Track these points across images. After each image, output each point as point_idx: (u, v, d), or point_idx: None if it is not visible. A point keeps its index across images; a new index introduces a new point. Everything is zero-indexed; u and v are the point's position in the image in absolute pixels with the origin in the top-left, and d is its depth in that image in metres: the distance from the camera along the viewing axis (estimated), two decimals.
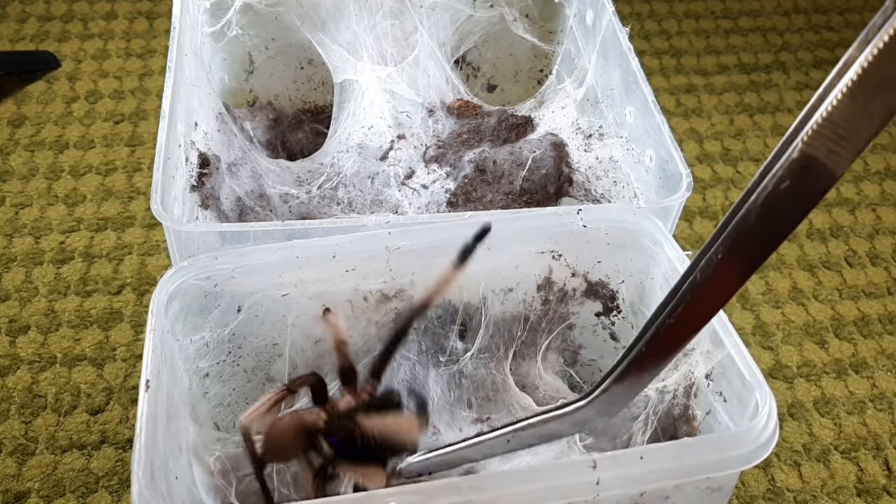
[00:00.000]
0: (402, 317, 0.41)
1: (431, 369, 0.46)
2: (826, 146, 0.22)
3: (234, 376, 0.44)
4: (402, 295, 0.44)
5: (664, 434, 0.43)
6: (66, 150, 0.78)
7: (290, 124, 0.65)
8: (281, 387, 0.39)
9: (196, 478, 0.38)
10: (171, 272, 0.39)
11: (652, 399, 0.43)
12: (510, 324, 0.47)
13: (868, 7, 1.05)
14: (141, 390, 0.35)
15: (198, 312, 0.41)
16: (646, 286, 0.45)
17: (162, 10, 0.94)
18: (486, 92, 0.69)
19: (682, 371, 0.42)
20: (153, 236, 0.71)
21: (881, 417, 0.64)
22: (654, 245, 0.44)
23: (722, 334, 0.39)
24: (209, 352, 0.42)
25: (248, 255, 0.40)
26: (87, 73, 0.86)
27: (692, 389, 0.42)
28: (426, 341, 0.46)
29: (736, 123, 0.89)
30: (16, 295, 0.67)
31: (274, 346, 0.44)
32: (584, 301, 0.47)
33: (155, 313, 0.38)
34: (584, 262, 0.46)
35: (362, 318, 0.44)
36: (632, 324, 0.47)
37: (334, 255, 0.41)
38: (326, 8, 0.58)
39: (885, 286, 0.74)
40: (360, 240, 0.41)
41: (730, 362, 0.39)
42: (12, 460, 0.57)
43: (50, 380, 0.61)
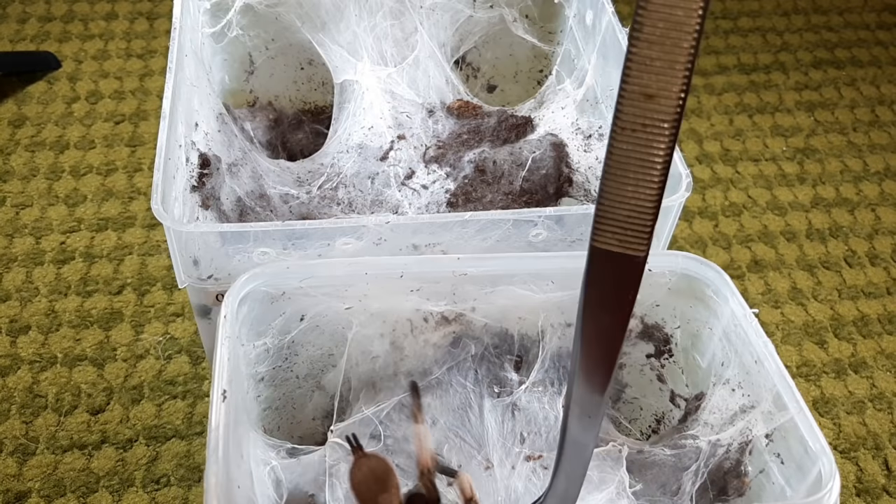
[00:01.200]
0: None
1: (487, 399, 0.46)
2: (615, 238, 0.23)
3: (285, 381, 0.45)
4: (462, 319, 0.44)
5: (713, 486, 0.42)
6: (67, 151, 0.78)
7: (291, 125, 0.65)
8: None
9: (256, 488, 0.38)
10: (243, 278, 0.40)
11: (704, 451, 0.43)
12: (565, 359, 0.47)
13: (868, 7, 1.05)
14: (215, 400, 0.35)
15: (262, 319, 0.41)
16: (702, 335, 0.45)
17: (162, 10, 0.95)
18: (485, 92, 0.69)
19: (738, 427, 0.42)
20: (154, 236, 0.71)
21: (880, 417, 0.64)
22: (718, 297, 0.43)
23: (786, 398, 0.39)
24: (268, 357, 0.43)
25: (319, 266, 0.41)
26: (88, 73, 0.86)
27: (748, 447, 0.41)
28: (482, 370, 0.46)
29: (735, 124, 0.89)
30: (16, 295, 0.67)
31: (329, 357, 0.45)
32: (637, 342, 0.48)
33: (228, 319, 0.38)
34: (642, 303, 0.46)
35: (420, 339, 0.45)
36: (682, 369, 0.47)
37: (402, 274, 0.42)
38: (326, 8, 0.58)
39: (885, 286, 0.74)
40: (428, 262, 0.42)
41: (792, 426, 0.38)
42: (13, 460, 0.57)
43: (50, 380, 0.62)
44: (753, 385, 0.41)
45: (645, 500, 0.43)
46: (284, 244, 0.43)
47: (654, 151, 0.21)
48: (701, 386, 0.46)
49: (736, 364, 0.43)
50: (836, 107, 0.92)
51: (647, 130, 0.21)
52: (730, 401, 0.43)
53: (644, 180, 0.21)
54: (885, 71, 0.96)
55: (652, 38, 0.20)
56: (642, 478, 0.44)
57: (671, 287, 0.45)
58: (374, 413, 0.44)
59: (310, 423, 0.47)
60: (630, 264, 0.23)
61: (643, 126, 0.21)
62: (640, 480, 0.44)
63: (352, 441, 0.38)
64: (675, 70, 0.20)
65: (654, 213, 0.22)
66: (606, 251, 0.23)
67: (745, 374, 0.42)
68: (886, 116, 0.91)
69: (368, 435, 0.44)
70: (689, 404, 0.47)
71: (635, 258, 0.23)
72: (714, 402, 0.44)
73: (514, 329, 0.46)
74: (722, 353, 0.44)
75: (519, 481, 0.44)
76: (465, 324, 0.44)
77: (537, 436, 0.46)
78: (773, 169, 0.84)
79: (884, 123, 0.90)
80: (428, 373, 0.45)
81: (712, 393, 0.44)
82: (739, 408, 0.42)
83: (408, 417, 0.45)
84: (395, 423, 0.45)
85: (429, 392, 0.45)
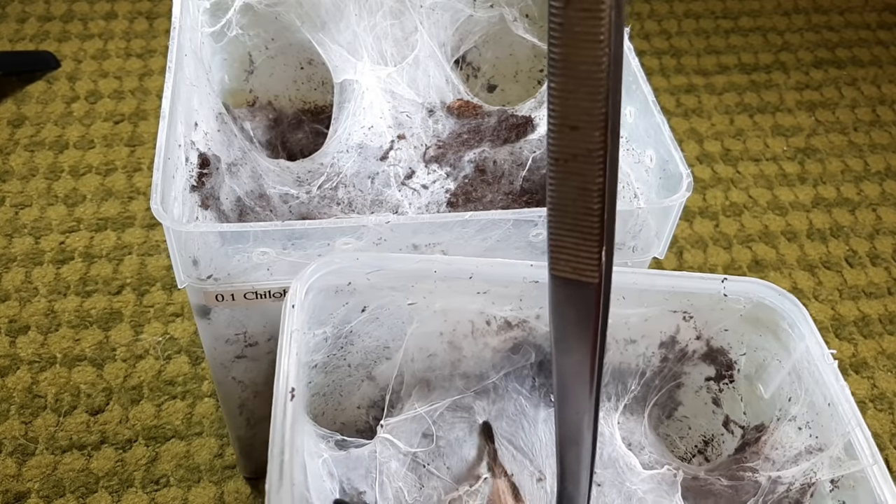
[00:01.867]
0: None
1: (542, 408, 0.46)
2: (569, 265, 0.23)
3: (337, 369, 0.45)
4: (525, 326, 0.44)
5: None
6: (66, 150, 0.78)
7: (290, 124, 0.65)
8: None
9: (310, 482, 0.38)
10: (312, 266, 0.40)
11: (763, 487, 0.42)
12: (625, 375, 0.46)
13: (868, 7, 1.05)
14: (281, 399, 0.34)
15: (325, 308, 0.41)
16: (769, 366, 0.44)
17: (162, 10, 0.94)
18: (486, 92, 0.68)
19: (801, 467, 0.41)
20: (153, 236, 0.71)
21: (881, 417, 0.64)
22: (793, 331, 0.42)
23: (859, 448, 0.38)
24: (325, 346, 0.43)
25: (389, 260, 0.41)
26: (87, 73, 0.86)
27: (810, 489, 0.40)
28: (540, 378, 0.46)
29: (736, 123, 0.89)
30: (16, 295, 0.66)
31: (384, 349, 0.44)
32: (698, 363, 0.47)
33: (296, 309, 0.38)
34: (711, 326, 0.45)
35: (480, 341, 0.44)
36: (741, 396, 0.46)
37: (471, 275, 0.41)
38: (326, 8, 0.58)
39: (886, 286, 0.74)
40: (500, 266, 0.42)
41: (862, 476, 0.37)
42: (12, 460, 0.57)
43: (50, 380, 0.61)
44: (823, 428, 0.40)
45: None
46: (284, 244, 0.43)
47: (589, 180, 0.21)
48: (762, 417, 0.45)
49: (804, 403, 0.41)
50: (836, 106, 0.92)
51: (578, 160, 0.21)
52: (795, 439, 0.42)
53: (585, 208, 0.21)
54: (886, 70, 0.96)
55: (567, 72, 0.20)
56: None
57: (744, 314, 0.44)
58: (426, 412, 0.44)
59: (354, 410, 0.47)
60: (585, 290, 0.23)
61: (574, 156, 0.21)
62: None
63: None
64: (596, 102, 0.20)
65: (599, 239, 0.22)
66: (563, 278, 0.23)
67: (814, 415, 0.41)
68: (887, 116, 0.91)
69: (420, 434, 0.44)
70: (747, 434, 0.46)
71: (590, 284, 0.23)
72: (777, 438, 0.43)
73: None
74: (789, 388, 0.43)
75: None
76: (528, 330, 0.44)
77: None
78: (774, 169, 0.84)
79: (885, 123, 0.90)
80: (485, 377, 0.45)
81: (775, 427, 0.43)
82: (805, 448, 0.41)
83: (461, 419, 0.45)
84: (448, 423, 0.45)
85: (484, 396, 0.45)
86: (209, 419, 0.60)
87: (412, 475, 0.43)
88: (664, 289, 0.43)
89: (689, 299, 0.43)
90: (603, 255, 0.22)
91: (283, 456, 0.33)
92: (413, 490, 0.42)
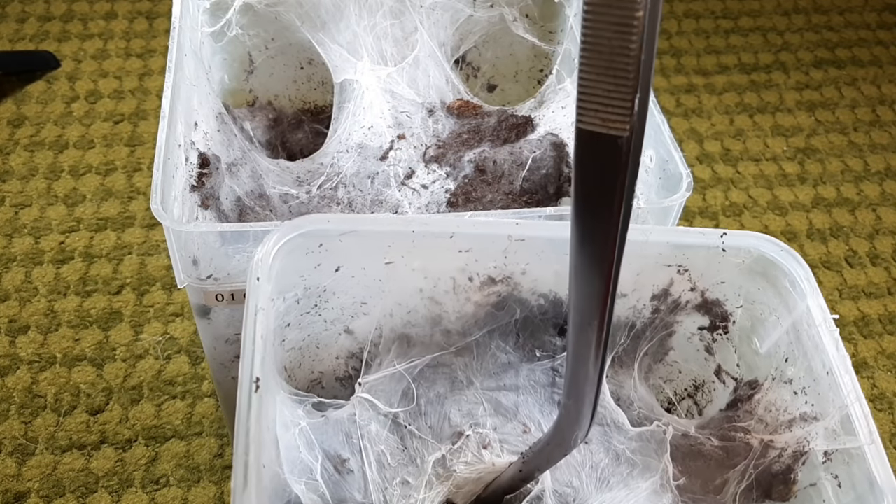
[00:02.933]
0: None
1: (524, 364, 0.44)
2: (598, 117, 0.21)
3: (312, 324, 0.43)
4: (509, 281, 0.42)
5: (758, 487, 0.41)
6: (66, 150, 0.78)
7: (290, 124, 0.65)
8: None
9: (282, 455, 0.36)
10: (278, 231, 0.38)
11: (755, 450, 0.40)
12: (614, 329, 0.44)
13: (868, 7, 1.05)
14: (245, 391, 0.32)
15: (295, 271, 0.39)
16: (767, 321, 0.43)
17: (161, 9, 0.94)
18: (486, 92, 0.68)
19: (795, 434, 0.39)
20: (153, 236, 0.71)
21: (881, 418, 0.64)
22: (794, 289, 0.41)
23: (857, 424, 0.37)
24: (297, 308, 0.41)
25: (361, 221, 0.39)
26: (87, 72, 0.86)
27: (802, 457, 0.39)
28: (524, 334, 0.44)
29: (736, 123, 0.89)
30: (15, 295, 0.66)
31: (362, 305, 0.43)
32: (692, 313, 0.45)
33: (262, 282, 0.36)
34: (707, 278, 0.43)
35: (462, 297, 0.42)
36: (735, 348, 0.45)
37: (452, 235, 0.40)
38: (326, 8, 0.58)
39: (886, 286, 0.74)
40: (483, 225, 0.40)
41: (858, 454, 0.36)
42: (12, 460, 0.57)
43: (49, 380, 0.61)
44: (820, 396, 0.39)
45: (688, 496, 0.41)
46: None
47: (627, 14, 0.20)
48: (756, 373, 0.43)
49: (802, 366, 0.40)
50: (836, 106, 0.92)
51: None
52: (790, 403, 0.41)
53: (621, 47, 0.20)
54: (886, 70, 0.96)
55: None
56: (686, 468, 0.42)
57: (742, 268, 0.42)
58: (406, 369, 0.42)
59: (332, 360, 0.46)
60: (614, 145, 0.22)
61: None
62: (683, 472, 0.42)
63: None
64: None
65: (633, 85, 0.20)
66: (591, 132, 0.22)
67: (812, 381, 0.40)
68: (887, 116, 0.91)
69: (401, 392, 0.42)
70: (740, 389, 0.44)
71: (619, 138, 0.21)
72: (771, 399, 0.42)
73: (564, 294, 0.43)
74: (787, 349, 0.41)
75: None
76: (513, 286, 0.42)
77: None
78: (774, 169, 0.84)
79: (884, 123, 0.90)
80: (467, 333, 0.43)
81: (769, 387, 0.42)
82: (800, 415, 0.40)
83: (442, 376, 0.43)
84: (429, 381, 0.43)
85: (466, 353, 0.44)
86: (209, 419, 0.60)
87: (393, 437, 0.41)
88: (659, 245, 0.41)
89: (685, 254, 0.42)
90: (636, 103, 0.21)
91: (248, 456, 0.31)
92: (396, 452, 0.41)
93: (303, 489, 0.36)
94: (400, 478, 0.40)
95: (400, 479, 0.40)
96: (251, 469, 0.30)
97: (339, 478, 0.39)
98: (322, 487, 0.37)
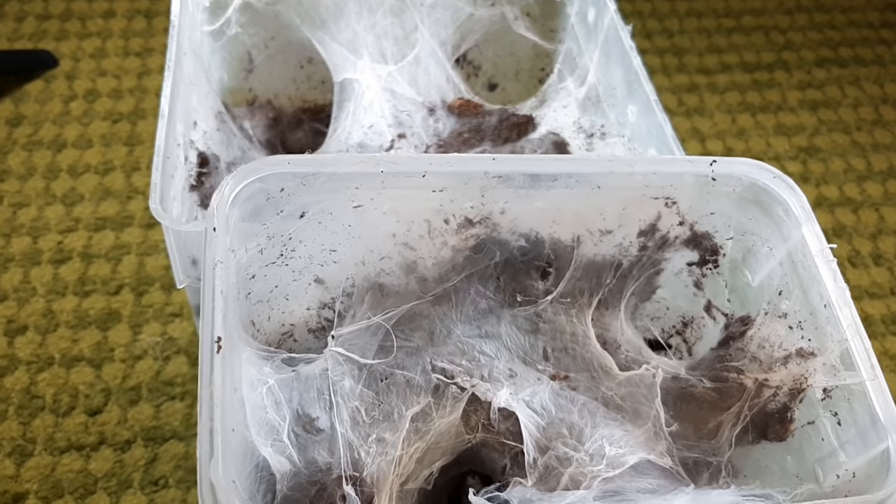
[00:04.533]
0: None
1: (506, 310, 0.42)
2: None
3: (279, 275, 0.40)
4: (488, 222, 0.40)
5: (753, 429, 0.39)
6: (64, 150, 0.78)
7: (290, 123, 0.65)
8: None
9: (248, 416, 0.34)
10: (234, 176, 0.35)
11: (749, 390, 0.38)
12: (600, 268, 0.42)
13: (871, 6, 1.04)
14: (206, 353, 0.30)
15: (256, 218, 0.37)
16: (759, 252, 0.41)
17: (160, 8, 0.94)
18: (487, 91, 0.68)
19: (792, 371, 0.37)
20: (152, 236, 0.71)
21: None
22: (788, 217, 0.39)
23: (858, 358, 0.35)
24: (260, 258, 0.38)
25: (325, 163, 0.36)
26: (86, 71, 0.86)
27: (799, 395, 0.38)
28: (505, 278, 0.42)
29: (738, 123, 0.88)
30: (14, 295, 0.66)
31: (331, 253, 0.40)
32: (680, 248, 0.43)
33: (219, 232, 0.33)
34: (696, 210, 0.41)
35: (437, 240, 0.40)
36: (726, 282, 0.43)
37: (425, 173, 0.37)
38: (326, 6, 0.58)
39: (889, 287, 0.73)
40: (457, 161, 0.38)
41: (859, 390, 0.35)
42: (10, 461, 0.57)
43: (48, 380, 0.61)
44: (818, 331, 0.37)
45: (682, 443, 0.40)
46: None
47: None
48: (748, 308, 0.42)
49: (798, 300, 0.38)
50: (839, 106, 0.91)
51: None
52: (785, 339, 0.39)
53: None
54: (889, 69, 0.96)
55: None
56: (677, 413, 0.40)
57: (733, 197, 0.40)
58: (381, 321, 0.40)
59: (303, 312, 0.43)
60: None
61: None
62: (675, 417, 0.40)
63: None
64: None
65: None
66: None
67: (808, 314, 0.38)
68: (890, 115, 0.91)
69: (377, 346, 0.40)
70: (732, 326, 0.43)
71: None
72: (764, 334, 0.40)
73: (545, 234, 0.41)
74: (780, 281, 0.39)
75: (545, 396, 0.40)
76: (492, 227, 0.40)
77: (563, 353, 0.42)
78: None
79: (887, 122, 0.90)
80: (445, 279, 0.41)
81: (763, 322, 0.40)
82: (796, 350, 0.38)
83: (419, 328, 0.41)
84: (407, 332, 0.41)
85: (444, 301, 0.41)
86: None
87: (369, 392, 0.39)
88: (645, 175, 0.39)
89: (672, 184, 0.39)
90: None
91: (213, 422, 0.29)
92: (371, 408, 0.38)
93: (270, 451, 0.34)
94: (375, 435, 0.38)
95: (375, 437, 0.37)
96: (217, 435, 0.29)
97: (307, 438, 0.37)
98: (289, 449, 0.35)
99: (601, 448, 0.38)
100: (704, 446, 0.40)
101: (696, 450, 0.40)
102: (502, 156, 0.38)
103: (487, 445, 0.41)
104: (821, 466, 0.37)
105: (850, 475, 0.35)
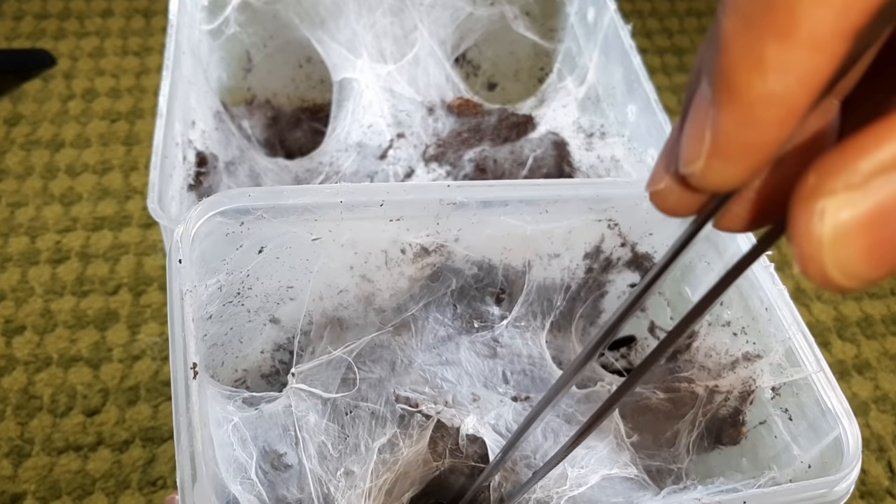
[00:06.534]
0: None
1: (464, 336, 0.43)
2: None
3: (234, 316, 0.40)
4: (443, 251, 0.41)
5: (708, 435, 0.40)
6: (63, 149, 0.77)
7: (289, 123, 0.65)
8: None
9: (217, 453, 0.34)
10: (197, 209, 0.35)
11: (700, 397, 0.40)
12: (550, 292, 0.44)
13: None
14: (181, 379, 0.30)
15: (216, 254, 0.37)
16: (697, 269, 0.42)
17: (159, 7, 0.94)
18: (486, 90, 0.68)
19: (740, 375, 0.39)
20: (150, 236, 0.71)
21: (884, 419, 0.63)
22: (724, 233, 0.41)
23: (801, 354, 0.36)
24: (220, 295, 0.38)
25: (285, 194, 0.36)
26: (84, 71, 0.85)
27: (749, 397, 0.39)
28: (462, 305, 0.43)
29: None
30: (11, 295, 0.66)
31: (288, 290, 0.40)
32: (623, 270, 0.45)
33: (185, 264, 0.33)
34: (636, 232, 0.43)
35: (395, 271, 0.41)
36: (668, 301, 0.44)
37: (382, 202, 0.38)
38: (325, 5, 0.57)
39: (889, 287, 0.73)
40: (414, 190, 0.38)
41: (806, 383, 0.36)
42: (8, 462, 0.56)
43: (46, 381, 0.61)
44: (761, 334, 0.39)
45: (643, 452, 0.41)
46: None
47: None
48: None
49: (740, 307, 0.40)
50: None
51: None
52: (731, 345, 0.40)
53: None
54: None
55: None
56: (636, 424, 0.42)
57: (669, 217, 0.42)
58: (342, 354, 0.40)
59: (257, 355, 0.43)
60: None
61: None
62: (634, 429, 0.41)
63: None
64: None
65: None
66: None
67: (750, 320, 0.39)
68: None
69: (339, 380, 0.40)
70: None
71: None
72: (710, 344, 0.41)
73: (497, 260, 0.42)
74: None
75: (509, 419, 0.41)
76: (447, 255, 0.41)
77: (522, 375, 0.43)
78: None
79: None
80: (403, 309, 0.42)
81: (708, 333, 0.42)
82: (742, 355, 0.40)
83: (381, 359, 0.41)
84: (368, 364, 0.41)
85: (404, 330, 0.42)
86: None
87: (334, 426, 0.39)
88: (588, 197, 0.40)
89: (613, 206, 0.41)
90: None
91: (193, 447, 0.29)
92: (337, 442, 0.39)
93: (239, 489, 0.34)
94: (343, 468, 0.38)
95: (343, 470, 0.38)
96: (199, 460, 0.29)
97: (275, 475, 0.37)
98: (258, 487, 0.35)
99: (564, 471, 0.38)
100: (665, 454, 0.41)
101: (658, 458, 0.41)
102: (457, 182, 0.39)
103: (456, 471, 0.42)
104: (776, 463, 0.38)
105: (805, 467, 0.36)
